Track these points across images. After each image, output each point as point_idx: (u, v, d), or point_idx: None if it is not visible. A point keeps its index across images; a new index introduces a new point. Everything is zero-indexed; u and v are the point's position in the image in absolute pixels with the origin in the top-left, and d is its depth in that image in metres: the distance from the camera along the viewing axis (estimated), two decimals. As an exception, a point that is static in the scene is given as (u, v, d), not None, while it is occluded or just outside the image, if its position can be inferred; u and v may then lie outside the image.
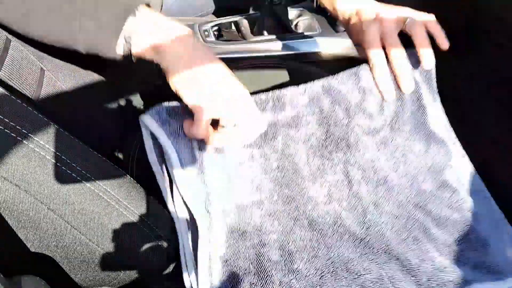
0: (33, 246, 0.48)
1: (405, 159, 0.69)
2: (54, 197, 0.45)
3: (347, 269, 0.57)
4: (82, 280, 0.53)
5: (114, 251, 0.50)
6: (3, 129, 0.42)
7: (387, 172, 0.67)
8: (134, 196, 0.53)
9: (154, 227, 0.53)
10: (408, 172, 0.69)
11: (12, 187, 0.43)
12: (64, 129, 0.49)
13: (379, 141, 0.68)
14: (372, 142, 0.68)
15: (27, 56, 0.51)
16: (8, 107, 0.43)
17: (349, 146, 0.66)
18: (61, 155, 0.46)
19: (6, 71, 0.47)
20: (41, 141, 0.45)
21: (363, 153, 0.67)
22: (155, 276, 0.56)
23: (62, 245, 0.48)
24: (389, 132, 0.69)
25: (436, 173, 0.70)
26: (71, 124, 0.63)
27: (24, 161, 0.43)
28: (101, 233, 0.49)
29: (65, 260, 0.50)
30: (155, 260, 0.54)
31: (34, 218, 0.45)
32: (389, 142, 0.69)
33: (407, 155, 0.69)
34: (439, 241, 0.64)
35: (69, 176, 0.46)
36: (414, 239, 0.63)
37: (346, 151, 0.66)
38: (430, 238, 0.64)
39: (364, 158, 0.66)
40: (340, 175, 0.65)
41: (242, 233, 0.57)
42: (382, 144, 0.68)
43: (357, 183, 0.65)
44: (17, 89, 0.49)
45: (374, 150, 0.68)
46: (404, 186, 0.67)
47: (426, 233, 0.64)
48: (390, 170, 0.68)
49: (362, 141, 0.67)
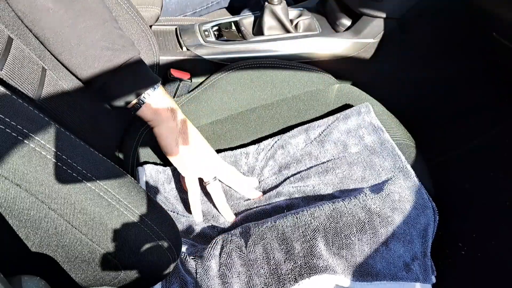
0: (33, 246, 0.47)
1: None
2: (54, 197, 0.45)
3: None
4: (82, 279, 0.53)
5: (115, 250, 0.50)
6: (4, 129, 0.42)
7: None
8: (134, 196, 0.53)
9: (154, 226, 0.53)
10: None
11: (13, 186, 0.43)
12: (65, 128, 0.49)
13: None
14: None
15: (28, 55, 0.51)
16: (9, 106, 0.43)
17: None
18: (62, 155, 0.46)
19: (7, 70, 0.47)
20: (42, 140, 0.45)
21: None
22: (155, 275, 0.56)
23: (62, 244, 0.48)
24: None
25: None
26: (72, 123, 0.63)
27: (25, 160, 0.43)
28: (102, 233, 0.49)
29: (66, 260, 0.50)
30: (155, 259, 0.54)
31: (35, 218, 0.45)
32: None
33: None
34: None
35: (70, 176, 0.46)
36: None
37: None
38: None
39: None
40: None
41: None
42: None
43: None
44: (19, 88, 0.49)
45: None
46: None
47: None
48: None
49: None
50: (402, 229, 0.69)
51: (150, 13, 0.97)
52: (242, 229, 0.69)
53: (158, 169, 0.81)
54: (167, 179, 0.81)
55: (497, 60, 1.01)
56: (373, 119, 0.84)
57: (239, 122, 0.90)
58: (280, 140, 0.85)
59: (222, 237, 0.68)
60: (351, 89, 0.95)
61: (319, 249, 0.64)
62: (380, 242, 0.67)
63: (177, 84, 0.96)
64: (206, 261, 0.64)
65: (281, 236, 0.66)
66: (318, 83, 0.94)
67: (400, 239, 0.68)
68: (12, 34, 0.54)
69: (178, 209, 0.78)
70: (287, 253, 0.65)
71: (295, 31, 1.06)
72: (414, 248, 0.69)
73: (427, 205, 0.72)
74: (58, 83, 0.58)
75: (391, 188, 0.72)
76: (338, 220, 0.67)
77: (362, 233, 0.67)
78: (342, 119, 0.85)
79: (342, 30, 1.05)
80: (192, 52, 0.99)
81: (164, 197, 0.79)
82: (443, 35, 1.03)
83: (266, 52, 1.01)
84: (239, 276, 0.63)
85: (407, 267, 0.67)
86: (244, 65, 0.93)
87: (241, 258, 0.65)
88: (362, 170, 0.77)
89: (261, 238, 0.66)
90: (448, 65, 1.09)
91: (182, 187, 0.80)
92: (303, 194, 0.77)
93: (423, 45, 1.05)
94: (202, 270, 0.64)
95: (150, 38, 0.86)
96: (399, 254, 0.67)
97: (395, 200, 0.70)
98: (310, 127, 0.85)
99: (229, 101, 0.91)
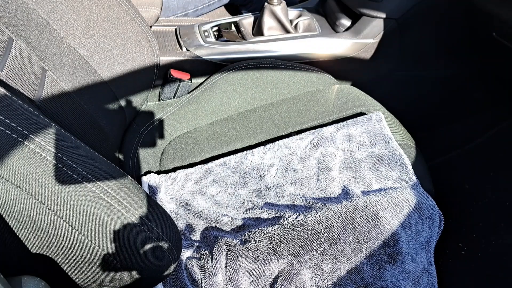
0: (33, 247, 0.47)
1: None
2: (55, 198, 0.45)
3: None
4: (82, 280, 0.53)
5: (115, 251, 0.50)
6: (4, 130, 0.42)
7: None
8: (134, 197, 0.53)
9: (154, 227, 0.53)
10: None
11: (13, 188, 0.43)
12: (65, 130, 0.49)
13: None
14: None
15: (29, 56, 0.51)
16: (9, 107, 0.43)
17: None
18: (62, 156, 0.46)
19: (7, 71, 0.47)
20: (42, 142, 0.45)
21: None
22: (156, 276, 0.56)
23: (62, 246, 0.48)
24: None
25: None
26: (72, 124, 0.63)
27: (25, 162, 0.43)
28: (102, 234, 0.49)
29: (66, 261, 0.50)
30: (155, 260, 0.54)
31: (35, 219, 0.45)
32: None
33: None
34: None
35: (70, 177, 0.46)
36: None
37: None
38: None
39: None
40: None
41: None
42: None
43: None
44: (19, 89, 0.49)
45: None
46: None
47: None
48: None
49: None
50: (407, 244, 0.70)
51: (149, 14, 0.97)
52: (243, 236, 0.70)
53: (160, 177, 0.82)
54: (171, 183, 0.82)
55: (497, 60, 1.01)
56: (384, 128, 0.84)
57: (239, 123, 0.90)
58: (288, 142, 0.85)
59: (225, 241, 0.68)
60: (351, 89, 0.95)
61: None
62: (387, 260, 0.69)
63: (177, 85, 0.96)
64: (213, 276, 0.65)
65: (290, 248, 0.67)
66: (318, 83, 0.94)
67: (408, 254, 0.69)
68: (13, 34, 0.54)
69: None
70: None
71: (295, 31, 1.05)
72: (422, 261, 0.70)
73: (435, 217, 0.73)
74: (59, 83, 0.58)
75: (397, 199, 0.72)
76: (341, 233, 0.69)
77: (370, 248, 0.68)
78: (351, 125, 0.85)
79: (342, 31, 1.05)
80: (192, 52, 0.99)
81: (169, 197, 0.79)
82: (442, 35, 1.03)
83: (266, 52, 1.01)
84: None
85: (416, 282, 0.68)
86: (244, 66, 0.93)
87: (248, 273, 0.66)
88: (368, 178, 0.78)
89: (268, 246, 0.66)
90: (448, 65, 1.09)
91: (186, 189, 0.80)
92: (306, 197, 0.77)
93: (423, 45, 1.05)
94: (209, 286, 0.65)
95: (151, 38, 0.86)
96: (407, 271, 0.68)
97: (403, 214, 0.71)
98: (318, 131, 0.86)
99: (229, 101, 0.91)
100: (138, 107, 0.91)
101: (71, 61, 0.68)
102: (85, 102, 0.69)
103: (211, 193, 0.79)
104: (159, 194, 0.79)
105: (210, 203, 0.79)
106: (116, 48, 0.80)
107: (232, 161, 0.83)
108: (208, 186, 0.80)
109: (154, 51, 0.87)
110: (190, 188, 0.80)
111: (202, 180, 0.81)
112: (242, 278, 0.66)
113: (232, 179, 0.81)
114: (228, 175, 0.81)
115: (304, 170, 0.80)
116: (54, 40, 0.66)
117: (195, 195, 0.79)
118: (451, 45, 1.05)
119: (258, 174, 0.82)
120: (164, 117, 0.93)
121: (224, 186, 0.80)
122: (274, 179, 0.81)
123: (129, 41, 0.82)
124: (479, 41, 1.01)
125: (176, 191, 0.80)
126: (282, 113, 0.91)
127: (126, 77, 0.82)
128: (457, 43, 1.05)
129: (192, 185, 0.80)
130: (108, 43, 0.78)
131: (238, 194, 0.79)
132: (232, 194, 0.79)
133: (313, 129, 0.87)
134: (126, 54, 0.81)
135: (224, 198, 0.78)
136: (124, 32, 0.81)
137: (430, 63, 1.09)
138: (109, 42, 0.78)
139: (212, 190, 0.79)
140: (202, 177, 0.81)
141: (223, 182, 0.80)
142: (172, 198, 0.79)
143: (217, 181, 0.80)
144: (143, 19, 0.84)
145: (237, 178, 0.81)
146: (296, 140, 0.85)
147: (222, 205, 0.78)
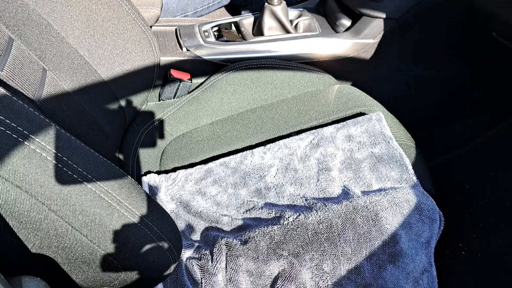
0: (34, 247, 0.47)
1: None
2: (55, 198, 0.45)
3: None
4: (82, 280, 0.53)
5: (115, 252, 0.50)
6: (4, 130, 0.42)
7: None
8: (135, 197, 0.53)
9: (155, 228, 0.53)
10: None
11: (13, 188, 0.43)
12: (65, 130, 0.49)
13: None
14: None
15: (29, 56, 0.51)
16: (9, 108, 0.43)
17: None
18: (62, 156, 0.46)
19: (8, 71, 0.47)
20: (42, 142, 0.45)
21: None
22: (156, 276, 0.56)
23: (63, 246, 0.48)
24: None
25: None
26: (72, 124, 0.63)
27: (25, 162, 0.43)
28: (102, 234, 0.49)
29: (66, 261, 0.50)
30: (156, 260, 0.54)
31: (35, 219, 0.45)
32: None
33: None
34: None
35: (70, 177, 0.46)
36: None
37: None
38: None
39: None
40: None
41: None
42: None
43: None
44: (19, 89, 0.49)
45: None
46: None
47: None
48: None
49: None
50: (408, 244, 0.70)
51: (150, 14, 0.97)
52: (243, 236, 0.70)
53: (160, 178, 0.82)
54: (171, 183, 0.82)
55: (497, 60, 1.01)
56: (384, 128, 0.84)
57: (239, 123, 0.90)
58: (288, 142, 0.85)
59: (226, 241, 0.68)
60: (351, 89, 0.95)
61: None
62: (387, 260, 0.69)
63: (177, 85, 0.96)
64: (213, 276, 0.65)
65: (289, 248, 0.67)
66: (318, 83, 0.94)
67: (408, 255, 0.69)
68: (13, 34, 0.54)
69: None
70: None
71: (295, 31, 1.06)
72: (422, 262, 0.70)
73: (435, 217, 0.73)
74: (59, 83, 0.58)
75: (397, 199, 0.72)
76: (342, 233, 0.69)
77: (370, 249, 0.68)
78: (351, 125, 0.85)
79: (342, 31, 1.05)
80: (192, 52, 0.99)
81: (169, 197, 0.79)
82: (442, 35, 1.03)
83: (266, 52, 1.01)
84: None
85: (416, 282, 0.68)
86: (244, 66, 0.93)
87: (248, 273, 0.66)
88: (368, 178, 0.78)
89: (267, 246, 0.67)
90: (448, 65, 1.09)
91: (186, 190, 0.80)
92: (306, 197, 0.77)
93: (423, 45, 1.05)
94: (209, 286, 0.65)
95: (151, 39, 0.86)
96: (408, 271, 0.68)
97: (403, 214, 0.71)
98: (318, 131, 0.86)
99: (229, 101, 0.91)
100: (138, 107, 0.91)
101: (71, 61, 0.68)
102: (85, 102, 0.69)
103: (211, 193, 0.79)
104: (159, 194, 0.79)
105: (210, 203, 0.79)
106: (116, 48, 0.80)
107: (232, 161, 0.83)
108: (208, 186, 0.80)
109: (154, 51, 0.87)
110: (190, 188, 0.80)
111: (202, 180, 0.81)
112: (242, 278, 0.66)
113: (232, 179, 0.81)
114: (228, 175, 0.81)
115: (304, 170, 0.80)
116: (54, 40, 0.66)
117: (195, 195, 0.79)
118: (451, 45, 1.05)
119: (258, 174, 0.82)
120: (164, 117, 0.93)
121: (224, 186, 0.80)
122: (274, 179, 0.81)
123: (129, 41, 0.82)
124: (479, 41, 1.01)
125: (176, 191, 0.80)
126: (282, 113, 0.91)
127: (126, 77, 0.82)
128: (457, 43, 1.05)
129: (192, 185, 0.80)
130: (108, 43, 0.78)
131: (238, 194, 0.79)
132: (232, 194, 0.79)
133: (313, 129, 0.87)
134: (126, 54, 0.82)
135: (224, 198, 0.78)
136: (124, 32, 0.81)
137: (430, 63, 1.09)
138: (109, 42, 0.78)
139: (212, 190, 0.79)
140: (202, 177, 0.81)
141: (223, 182, 0.80)
142: (172, 198, 0.79)
143: (217, 181, 0.80)
144: (143, 19, 0.84)
145: (237, 178, 0.81)
146: (296, 140, 0.85)
147: (222, 205, 0.78)
